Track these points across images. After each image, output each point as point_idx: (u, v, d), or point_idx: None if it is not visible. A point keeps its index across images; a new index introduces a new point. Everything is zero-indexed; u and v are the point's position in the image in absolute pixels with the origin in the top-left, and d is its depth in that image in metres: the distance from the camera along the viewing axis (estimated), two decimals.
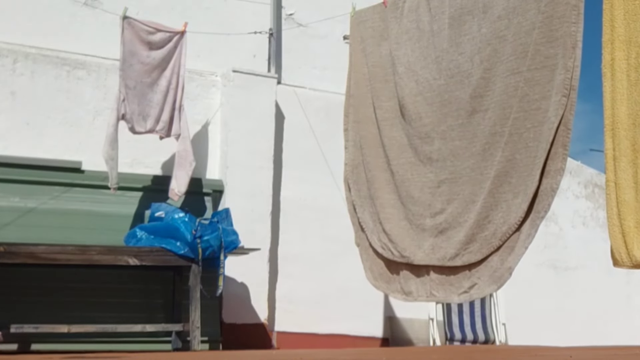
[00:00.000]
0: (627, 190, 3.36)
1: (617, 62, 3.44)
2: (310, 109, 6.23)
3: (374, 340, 6.17)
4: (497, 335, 5.72)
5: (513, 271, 3.79)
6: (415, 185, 4.38)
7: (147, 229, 4.82)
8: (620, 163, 3.39)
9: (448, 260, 4.08)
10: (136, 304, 5.06)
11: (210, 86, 5.93)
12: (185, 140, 5.25)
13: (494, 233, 3.88)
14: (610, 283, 6.97)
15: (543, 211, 3.68)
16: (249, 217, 5.61)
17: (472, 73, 4.12)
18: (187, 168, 5.18)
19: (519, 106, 3.84)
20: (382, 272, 4.54)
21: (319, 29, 6.41)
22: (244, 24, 6.15)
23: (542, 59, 3.75)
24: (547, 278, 6.97)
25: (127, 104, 4.98)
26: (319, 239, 6.01)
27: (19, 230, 4.79)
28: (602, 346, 4.44)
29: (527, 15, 3.87)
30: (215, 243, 4.83)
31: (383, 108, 4.65)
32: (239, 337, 5.49)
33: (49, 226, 4.88)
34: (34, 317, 4.56)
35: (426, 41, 4.41)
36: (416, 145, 4.41)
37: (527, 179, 3.75)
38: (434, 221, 4.23)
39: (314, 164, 6.08)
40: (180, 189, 5.17)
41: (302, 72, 6.39)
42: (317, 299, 5.96)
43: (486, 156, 4.01)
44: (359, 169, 4.75)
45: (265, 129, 5.93)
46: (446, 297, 4.13)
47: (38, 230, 4.83)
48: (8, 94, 5.22)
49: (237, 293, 5.59)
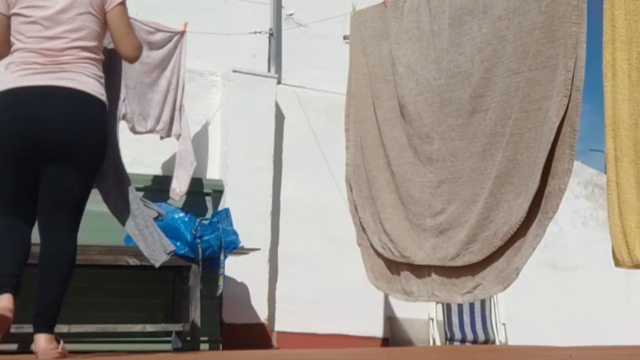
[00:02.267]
0: (628, 190, 3.36)
1: (619, 62, 3.44)
2: (310, 109, 6.23)
3: (374, 340, 6.17)
4: (497, 335, 5.72)
5: (520, 272, 3.79)
6: (415, 185, 4.38)
7: None
8: (621, 163, 3.39)
9: (449, 261, 4.08)
10: (136, 304, 5.05)
11: (210, 86, 5.93)
12: (186, 140, 5.25)
13: (495, 233, 3.88)
14: (610, 283, 6.97)
15: (551, 212, 3.68)
16: (249, 217, 5.61)
17: (473, 73, 4.12)
18: (188, 168, 5.18)
19: (520, 106, 3.84)
20: (382, 272, 4.54)
21: (319, 29, 6.41)
22: (244, 24, 6.14)
23: (543, 59, 3.75)
24: (547, 278, 6.97)
25: (128, 104, 4.97)
26: (319, 239, 6.01)
27: None
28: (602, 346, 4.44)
29: (528, 15, 3.87)
30: (215, 243, 4.83)
31: (383, 108, 4.65)
32: (239, 337, 5.49)
33: None
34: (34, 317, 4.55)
35: (426, 41, 4.41)
36: (416, 145, 4.41)
37: (528, 180, 3.75)
38: (434, 221, 4.23)
39: (314, 164, 6.08)
40: (182, 189, 5.17)
41: (302, 72, 6.39)
42: (317, 299, 5.96)
43: (487, 156, 4.01)
44: (360, 169, 4.75)
45: (265, 129, 5.93)
46: (449, 298, 4.13)
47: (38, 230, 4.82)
48: None
49: (237, 293, 5.59)
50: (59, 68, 3.17)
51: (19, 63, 3.19)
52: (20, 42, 3.22)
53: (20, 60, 3.19)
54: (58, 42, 3.19)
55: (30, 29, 3.20)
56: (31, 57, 3.18)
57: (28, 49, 3.20)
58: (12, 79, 3.17)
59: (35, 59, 3.18)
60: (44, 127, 3.11)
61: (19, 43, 3.22)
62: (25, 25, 3.22)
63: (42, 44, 3.19)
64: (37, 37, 3.20)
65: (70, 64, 3.19)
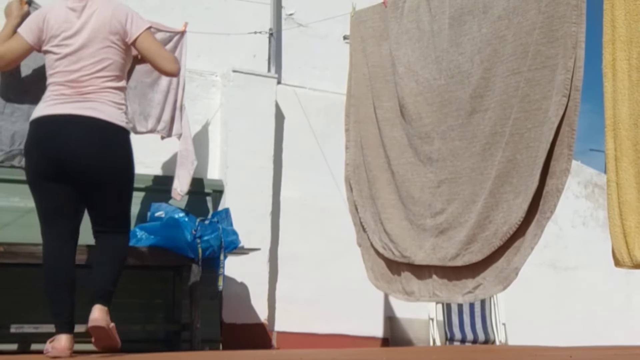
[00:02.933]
0: (628, 190, 3.36)
1: (619, 63, 3.44)
2: (310, 109, 6.23)
3: (374, 340, 6.17)
4: (497, 335, 5.72)
5: (519, 271, 3.80)
6: (415, 185, 4.39)
7: (147, 229, 4.81)
8: (621, 163, 3.39)
9: (449, 261, 4.08)
10: (136, 304, 5.04)
11: (210, 86, 5.93)
12: (187, 139, 5.24)
13: (495, 233, 3.88)
14: (610, 283, 6.97)
15: (549, 212, 3.69)
16: (249, 217, 5.61)
17: (472, 73, 4.12)
18: (189, 167, 5.17)
19: (519, 106, 3.85)
20: (383, 272, 4.54)
21: (319, 29, 6.41)
22: (244, 24, 6.14)
23: (543, 59, 3.76)
24: (547, 278, 6.98)
25: (129, 104, 4.97)
26: (319, 239, 6.01)
27: (19, 230, 4.77)
28: (602, 346, 4.44)
29: (528, 15, 3.87)
30: (215, 243, 4.83)
31: (383, 108, 4.65)
32: (239, 337, 5.48)
33: None
34: (34, 317, 4.55)
35: (426, 41, 4.41)
36: (416, 145, 4.41)
37: (528, 179, 3.76)
38: (434, 221, 4.23)
39: (314, 164, 6.08)
40: (183, 189, 5.16)
41: (302, 72, 6.39)
42: (317, 299, 5.96)
43: (486, 156, 4.01)
44: (360, 169, 4.75)
45: (265, 129, 5.93)
46: (450, 297, 4.14)
47: (38, 230, 4.82)
48: None
49: (237, 293, 5.59)
50: (82, 98, 3.59)
51: (50, 95, 3.64)
52: (52, 76, 3.67)
53: (51, 93, 3.64)
54: (81, 74, 3.61)
55: (59, 64, 3.65)
56: (60, 89, 3.62)
57: (58, 82, 3.63)
58: (41, 108, 3.63)
59: (63, 91, 3.61)
60: (63, 151, 3.53)
61: (52, 77, 3.67)
62: (55, 62, 3.66)
63: (69, 76, 3.62)
64: (64, 71, 3.63)
65: (92, 93, 3.60)
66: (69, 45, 3.65)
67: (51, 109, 3.59)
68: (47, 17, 3.71)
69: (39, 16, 3.78)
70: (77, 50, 3.64)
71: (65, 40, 3.65)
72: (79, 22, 3.67)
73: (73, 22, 3.67)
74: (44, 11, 3.78)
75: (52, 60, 3.68)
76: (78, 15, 3.69)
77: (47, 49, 3.70)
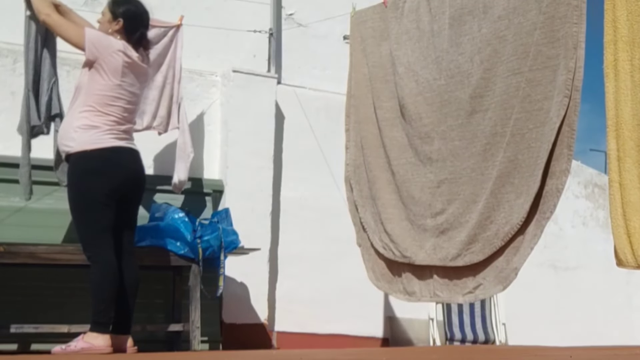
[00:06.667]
0: (632, 191, 3.36)
1: (621, 63, 3.44)
2: (310, 109, 6.23)
3: (374, 340, 6.17)
4: (497, 335, 5.72)
5: (519, 271, 3.80)
6: (415, 185, 4.39)
7: (146, 229, 4.81)
8: (624, 164, 3.39)
9: (450, 261, 4.08)
10: (136, 304, 5.05)
11: (210, 86, 5.92)
12: (184, 132, 5.22)
13: (496, 233, 3.88)
14: (610, 283, 6.97)
15: (549, 212, 3.69)
16: (249, 217, 5.61)
17: (472, 73, 4.12)
18: (186, 159, 5.16)
19: (520, 107, 3.85)
20: (383, 272, 4.54)
21: (319, 29, 6.40)
22: (244, 24, 6.14)
23: (544, 59, 3.75)
24: (547, 278, 6.98)
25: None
26: (319, 239, 6.00)
27: (19, 230, 4.77)
28: (602, 346, 4.44)
29: (528, 15, 3.87)
30: (215, 243, 4.83)
31: (383, 108, 4.65)
32: (239, 337, 5.48)
33: (49, 226, 4.86)
34: (34, 317, 4.55)
35: (426, 41, 4.41)
36: (416, 145, 4.41)
37: (529, 180, 3.75)
38: (434, 221, 4.23)
39: (314, 164, 6.07)
40: (180, 179, 5.14)
41: (302, 72, 6.38)
42: (317, 299, 5.95)
43: (487, 156, 4.01)
44: (361, 169, 4.75)
45: (265, 129, 5.92)
46: (450, 298, 4.14)
47: (38, 230, 4.82)
48: (8, 94, 5.20)
49: (237, 293, 5.59)
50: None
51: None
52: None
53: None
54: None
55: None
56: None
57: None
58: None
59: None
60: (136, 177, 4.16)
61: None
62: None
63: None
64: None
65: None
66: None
67: (122, 142, 4.15)
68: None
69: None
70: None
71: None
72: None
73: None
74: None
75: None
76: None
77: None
